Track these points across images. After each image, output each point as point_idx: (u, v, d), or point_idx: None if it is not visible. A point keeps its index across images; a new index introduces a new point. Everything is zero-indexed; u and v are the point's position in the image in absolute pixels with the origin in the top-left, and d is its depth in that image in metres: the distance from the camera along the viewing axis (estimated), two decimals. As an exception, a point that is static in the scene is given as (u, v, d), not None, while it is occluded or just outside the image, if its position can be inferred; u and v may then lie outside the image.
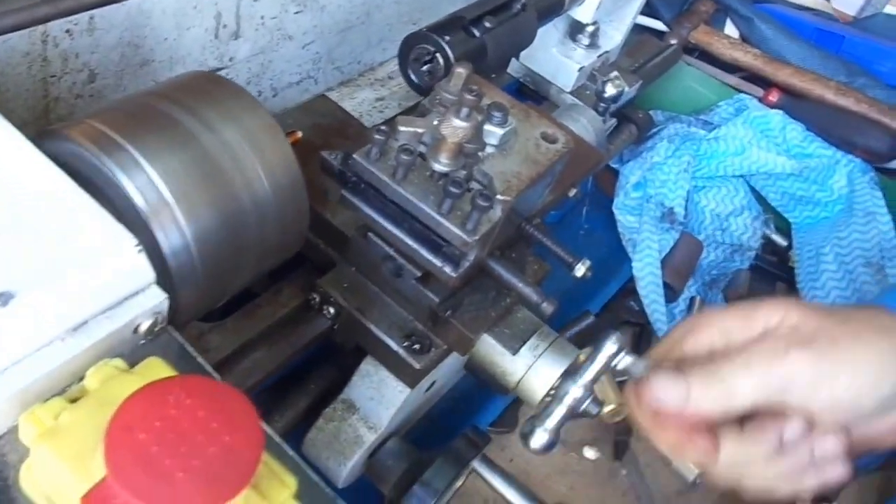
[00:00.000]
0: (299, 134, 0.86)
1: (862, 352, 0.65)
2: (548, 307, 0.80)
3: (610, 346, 0.69)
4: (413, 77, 0.94)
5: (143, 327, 0.59)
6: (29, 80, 0.84)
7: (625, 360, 0.69)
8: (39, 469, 0.51)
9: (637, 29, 1.51)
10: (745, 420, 0.67)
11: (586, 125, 1.13)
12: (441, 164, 0.72)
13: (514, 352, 0.89)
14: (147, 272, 0.60)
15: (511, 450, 1.34)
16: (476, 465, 0.99)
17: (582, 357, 0.75)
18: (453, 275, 0.76)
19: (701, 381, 0.66)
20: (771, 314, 0.68)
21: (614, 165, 1.55)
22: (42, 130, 0.65)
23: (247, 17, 1.04)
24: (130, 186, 0.63)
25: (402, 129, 0.73)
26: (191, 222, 0.66)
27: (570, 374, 0.76)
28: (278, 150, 0.74)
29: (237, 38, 1.06)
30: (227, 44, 1.05)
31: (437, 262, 0.76)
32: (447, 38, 0.90)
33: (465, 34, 0.93)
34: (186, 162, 0.67)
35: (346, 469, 0.99)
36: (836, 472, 0.67)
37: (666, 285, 1.45)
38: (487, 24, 0.94)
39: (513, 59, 1.29)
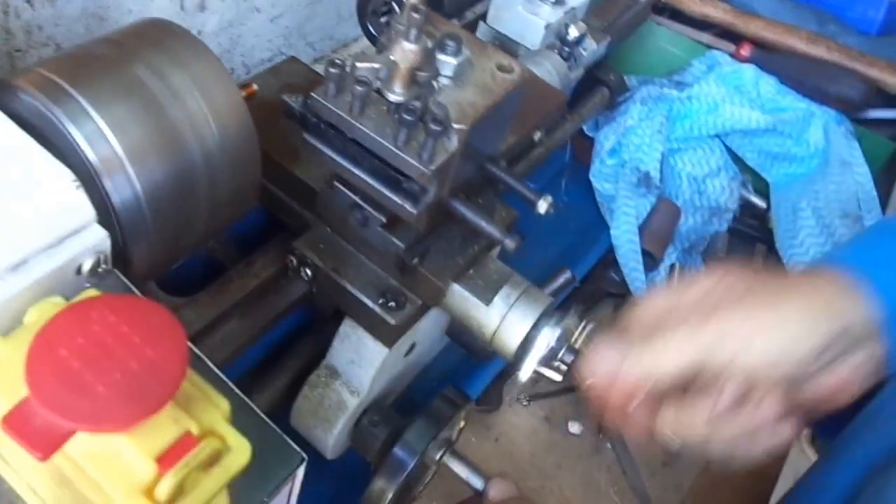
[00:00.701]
0: (254, 87, 0.84)
1: (790, 304, 0.64)
2: (510, 243, 0.78)
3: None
4: (372, 30, 0.93)
5: (86, 267, 0.58)
6: (-7, 54, 0.83)
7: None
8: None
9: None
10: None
11: (550, 69, 1.12)
12: (395, 94, 0.70)
13: (488, 302, 0.87)
14: (87, 209, 0.59)
15: (496, 429, 1.33)
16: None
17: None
18: (413, 211, 0.74)
19: (633, 350, 0.65)
20: (709, 279, 0.68)
21: (589, 133, 1.54)
22: None
23: (212, -14, 1.03)
24: (78, 136, 0.62)
25: (358, 64, 0.72)
26: (140, 173, 0.65)
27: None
28: (228, 96, 0.73)
29: (203, 10, 1.05)
30: (194, 16, 1.04)
31: (397, 199, 0.75)
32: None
33: (422, -18, 0.92)
34: (135, 110, 0.66)
35: (332, 437, 0.98)
36: (784, 431, 0.65)
37: (645, 253, 1.43)
38: (444, -27, 0.93)
39: (480, 23, 1.28)
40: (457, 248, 0.88)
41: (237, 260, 0.94)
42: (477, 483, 1.00)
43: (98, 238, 0.58)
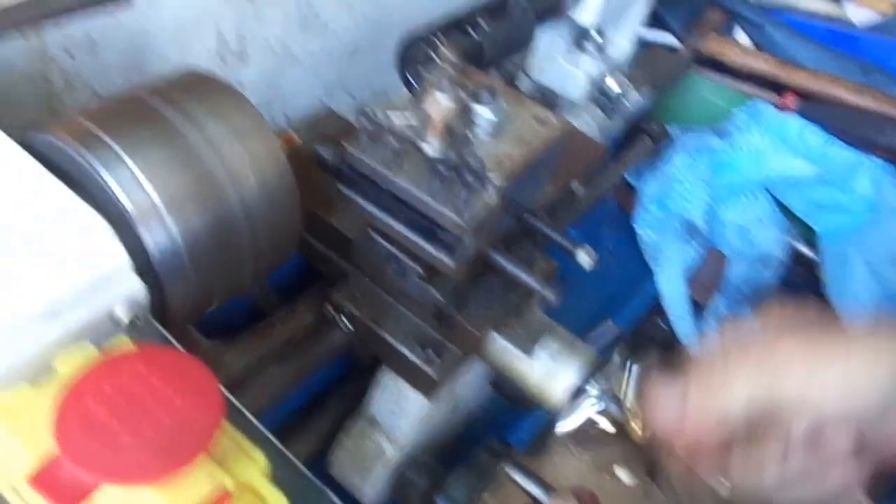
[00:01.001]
0: (294, 135, 0.85)
1: (856, 343, 0.62)
2: (551, 295, 0.77)
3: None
4: (411, 80, 0.94)
5: (120, 315, 0.58)
6: (33, 105, 0.85)
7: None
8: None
9: (646, 44, 1.49)
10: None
11: (588, 120, 1.12)
12: (430, 146, 0.71)
13: (529, 353, 0.87)
14: (121, 256, 0.58)
15: (543, 474, 1.30)
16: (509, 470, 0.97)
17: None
18: (452, 264, 0.74)
19: (696, 391, 0.63)
20: (767, 318, 0.66)
21: (632, 182, 1.53)
22: (29, 129, 0.65)
23: (251, 38, 1.05)
24: (113, 182, 0.63)
25: (391, 114, 0.72)
26: (176, 220, 0.65)
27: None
28: (266, 146, 0.73)
29: (244, 61, 1.07)
30: (235, 67, 1.06)
31: (435, 251, 0.74)
32: (442, 37, 0.90)
33: (461, 34, 0.93)
34: (171, 158, 0.66)
35: (371, 486, 0.97)
36: (853, 470, 0.63)
37: (693, 301, 1.43)
38: (482, 23, 0.94)
39: (522, 75, 1.29)
40: (496, 298, 0.87)
41: (276, 306, 0.94)
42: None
43: (133, 287, 0.58)
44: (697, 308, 1.45)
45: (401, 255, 0.83)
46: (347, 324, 0.89)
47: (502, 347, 0.87)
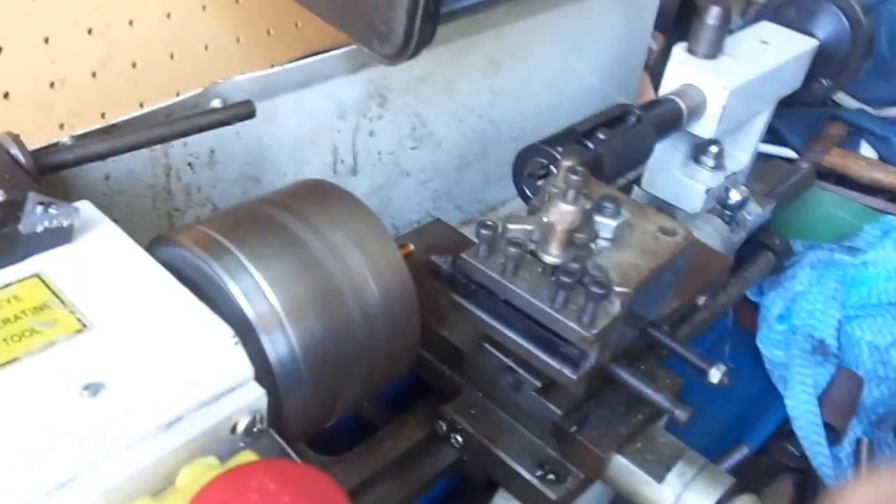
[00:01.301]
0: (411, 247, 0.84)
1: None
2: (682, 414, 0.73)
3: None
4: (528, 192, 0.93)
5: (241, 426, 0.56)
6: (154, 214, 0.89)
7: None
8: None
9: (764, 158, 1.46)
10: None
11: (711, 232, 1.08)
12: (552, 256, 0.69)
13: (660, 479, 0.80)
14: (244, 366, 0.58)
15: None
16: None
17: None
18: (573, 377, 0.70)
19: None
20: None
21: (753, 298, 1.47)
22: (156, 237, 0.66)
23: (363, 152, 1.08)
24: (237, 291, 0.63)
25: (510, 226, 0.71)
26: (298, 329, 0.65)
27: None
28: (387, 256, 0.72)
29: (355, 174, 1.09)
30: (347, 179, 1.08)
31: (555, 363, 0.71)
32: (561, 149, 0.89)
33: (580, 146, 0.92)
34: (294, 267, 0.66)
35: None
36: None
37: (826, 425, 1.33)
38: (601, 136, 0.93)
39: (635, 188, 1.27)
40: (619, 416, 0.83)
41: (386, 420, 0.92)
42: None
43: (255, 396, 0.57)
44: (833, 434, 1.34)
45: (517, 368, 0.80)
46: (460, 440, 0.85)
47: (629, 471, 0.82)
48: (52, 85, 0.99)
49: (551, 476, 0.81)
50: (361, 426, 0.96)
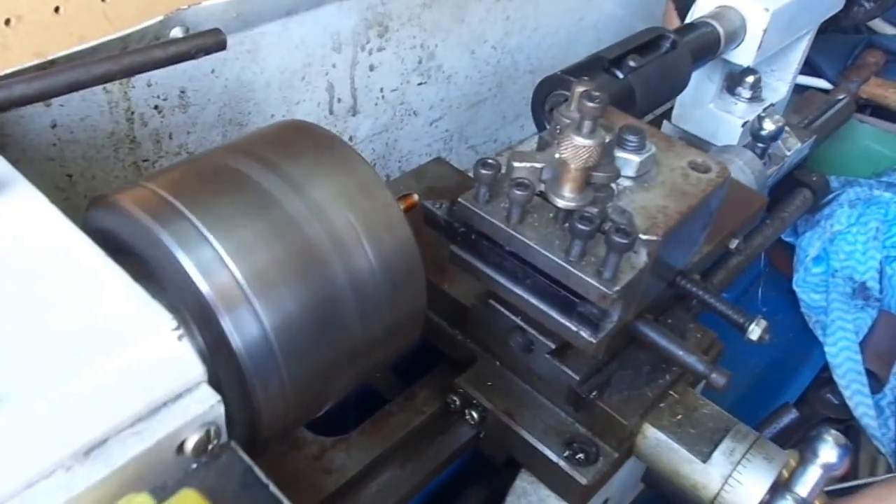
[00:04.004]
0: (415, 197, 0.73)
1: None
2: (718, 378, 0.64)
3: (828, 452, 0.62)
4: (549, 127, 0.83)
5: (190, 444, 0.45)
6: (118, 166, 0.78)
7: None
8: None
9: (798, 89, 1.35)
10: None
11: (742, 167, 0.98)
12: (565, 199, 0.59)
13: (705, 458, 0.71)
14: (192, 366, 0.47)
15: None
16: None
17: (792, 462, 0.66)
18: (592, 340, 0.61)
19: None
20: None
21: (788, 239, 1.42)
22: (92, 198, 0.55)
23: (363, 90, 0.98)
24: (189, 264, 0.51)
25: (516, 164, 0.61)
26: (267, 305, 0.52)
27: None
28: (383, 211, 0.59)
29: (355, 115, 0.99)
30: (345, 120, 0.98)
31: (571, 325, 0.62)
32: (586, 80, 0.78)
33: (608, 76, 0.81)
34: (263, 230, 0.54)
35: None
36: None
37: (868, 373, 1.30)
38: (632, 64, 0.82)
39: (664, 122, 1.17)
40: (644, 377, 0.74)
41: (395, 389, 0.82)
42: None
43: (207, 404, 0.46)
44: (876, 381, 1.29)
45: (527, 328, 0.71)
46: (475, 415, 0.77)
47: (668, 448, 0.72)
48: (7, 22, 0.89)
49: (580, 455, 0.72)
50: (366, 395, 0.86)
